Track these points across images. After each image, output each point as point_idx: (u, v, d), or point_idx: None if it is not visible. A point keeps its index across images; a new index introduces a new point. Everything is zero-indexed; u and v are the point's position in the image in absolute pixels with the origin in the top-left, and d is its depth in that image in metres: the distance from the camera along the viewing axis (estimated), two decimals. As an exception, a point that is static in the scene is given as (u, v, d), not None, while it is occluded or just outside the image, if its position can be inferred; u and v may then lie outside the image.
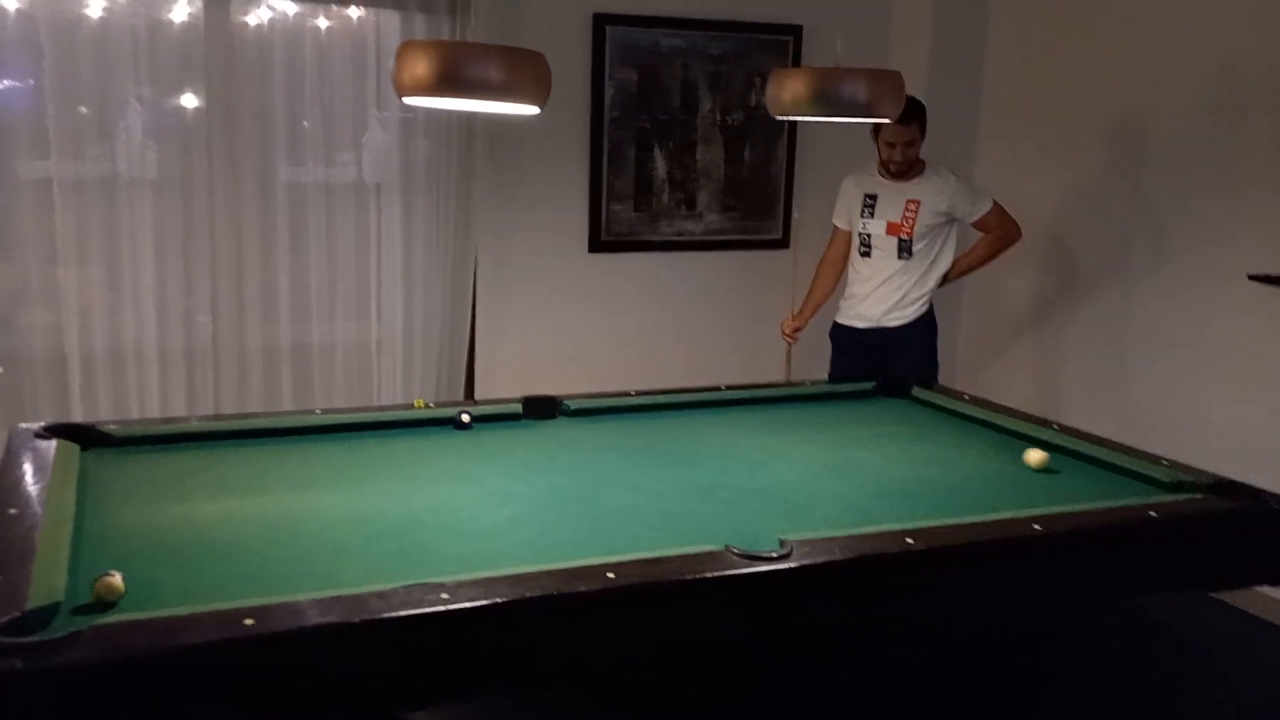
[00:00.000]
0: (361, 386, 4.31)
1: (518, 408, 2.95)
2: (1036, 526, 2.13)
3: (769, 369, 4.38)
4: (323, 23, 4.02)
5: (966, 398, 3.17)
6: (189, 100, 3.91)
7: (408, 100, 2.19)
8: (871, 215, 3.86)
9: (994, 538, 2.09)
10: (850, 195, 3.99)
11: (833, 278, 4.10)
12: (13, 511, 2.01)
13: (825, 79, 2.51)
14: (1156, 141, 3.96)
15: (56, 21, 3.65)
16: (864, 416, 3.12)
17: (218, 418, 2.96)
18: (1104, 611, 2.71)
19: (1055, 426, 2.87)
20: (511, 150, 4.35)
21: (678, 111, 4.57)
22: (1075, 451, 2.73)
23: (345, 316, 4.27)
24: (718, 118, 4.63)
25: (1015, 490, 2.47)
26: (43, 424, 2.54)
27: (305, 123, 4.06)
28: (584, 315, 4.60)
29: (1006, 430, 2.91)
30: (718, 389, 3.23)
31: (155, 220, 3.91)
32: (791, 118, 2.69)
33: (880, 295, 3.88)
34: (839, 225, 4.07)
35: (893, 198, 3.83)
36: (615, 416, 3.00)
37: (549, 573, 1.83)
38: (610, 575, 1.82)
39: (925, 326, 3.91)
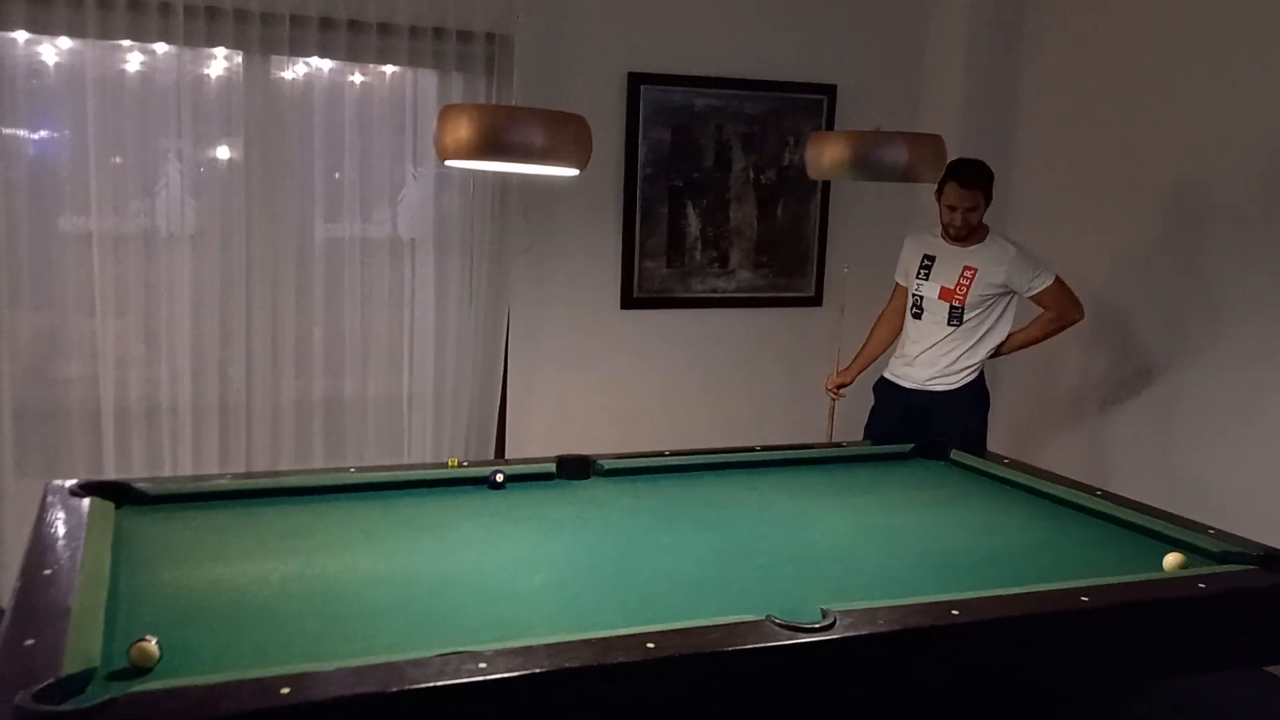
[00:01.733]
0: (393, 441, 4.31)
1: (551, 467, 2.93)
2: (1084, 599, 2.07)
3: (804, 426, 4.35)
4: (360, 79, 4.09)
5: (1006, 462, 3.12)
6: (227, 154, 3.98)
7: (450, 164, 2.20)
8: (927, 277, 3.77)
9: (1042, 611, 2.03)
10: (910, 253, 3.91)
11: (888, 335, 4.02)
12: (47, 572, 2.00)
13: (865, 143, 2.51)
14: (1209, 212, 3.87)
15: (98, 77, 3.73)
16: (902, 480, 3.08)
17: (252, 475, 2.95)
18: (1153, 684, 2.63)
19: (1099, 493, 2.82)
20: (545, 207, 4.38)
21: (711, 169, 4.59)
22: (1118, 519, 2.67)
23: (378, 371, 4.28)
24: (751, 176, 4.65)
25: (1058, 560, 2.41)
26: (77, 481, 2.54)
27: (339, 176, 4.12)
28: (616, 371, 4.60)
29: (1048, 495, 2.86)
30: (752, 449, 3.20)
31: (193, 274, 3.95)
32: (830, 179, 2.69)
33: (927, 359, 3.78)
34: (899, 281, 4.00)
35: (950, 262, 3.72)
36: (649, 477, 2.97)
37: (587, 642, 1.80)
38: (650, 645, 1.78)
39: (972, 396, 3.77)
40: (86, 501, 2.42)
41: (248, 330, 4.04)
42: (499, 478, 2.82)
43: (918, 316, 3.81)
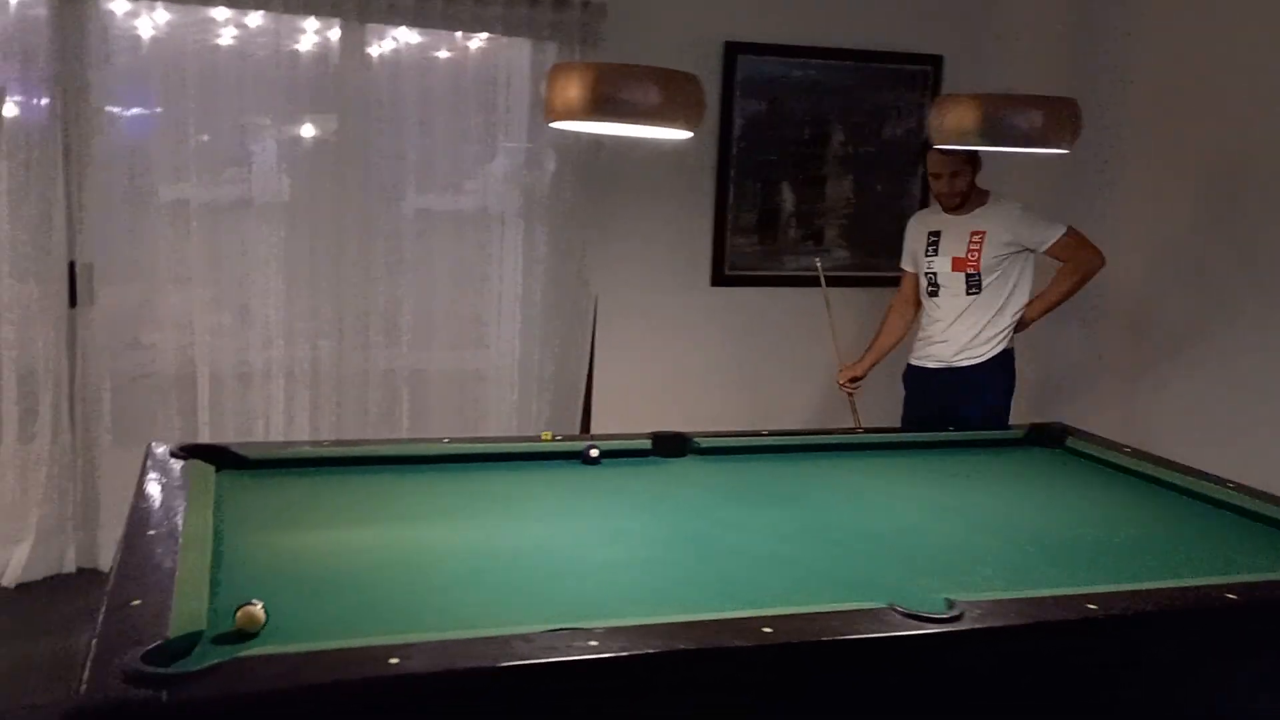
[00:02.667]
0: (477, 414, 4.29)
1: (646, 443, 2.85)
2: (1231, 595, 1.93)
3: (900, 408, 4.20)
4: (452, 51, 4.04)
5: (1128, 450, 2.95)
6: (321, 125, 3.96)
7: (557, 125, 2.12)
8: (936, 253, 3.62)
9: (1186, 606, 1.89)
10: (914, 235, 3.76)
11: (900, 326, 3.85)
12: (151, 533, 1.98)
13: (996, 106, 2.36)
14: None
15: (195, 49, 3.74)
16: (1016, 467, 2.93)
17: (345, 443, 2.91)
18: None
19: (1231, 485, 2.64)
20: (636, 180, 4.29)
21: (806, 144, 4.46)
22: (1253, 513, 2.50)
23: (465, 344, 4.26)
24: (849, 151, 4.50)
25: (1193, 554, 2.26)
26: (178, 444, 2.53)
27: (430, 149, 4.08)
28: (704, 349, 4.50)
29: (1175, 487, 2.69)
30: (854, 431, 3.08)
31: (286, 244, 3.95)
32: (956, 147, 2.55)
33: (952, 335, 3.61)
34: (906, 268, 3.83)
35: (956, 232, 3.58)
36: (746, 457, 2.87)
37: (701, 623, 1.71)
38: (767, 630, 1.69)
39: (999, 367, 3.61)
40: (186, 463, 2.41)
41: (338, 300, 4.03)
42: (594, 453, 2.75)
43: (934, 294, 3.66)
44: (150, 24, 3.71)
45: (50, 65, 3.58)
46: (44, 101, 3.62)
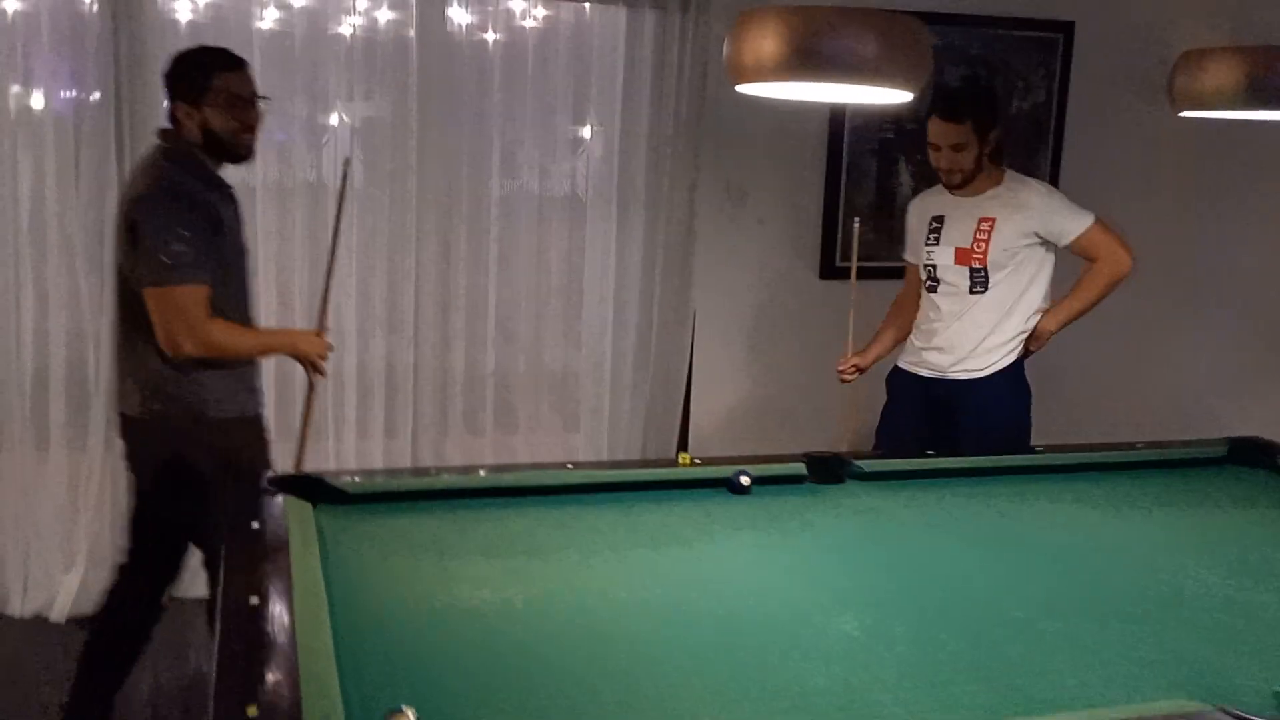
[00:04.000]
0: (567, 418, 3.90)
1: (799, 468, 2.44)
2: None
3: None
4: (535, 23, 3.62)
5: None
6: (398, 104, 3.55)
7: (746, 88, 1.71)
8: (937, 241, 3.06)
9: None
10: (916, 219, 3.19)
11: (906, 325, 3.26)
12: (254, 600, 1.59)
13: (1269, 61, 1.91)
14: None
15: (253, 26, 3.35)
16: (1231, 494, 2.49)
17: (460, 470, 2.47)
18: None
19: None
20: (738, 163, 3.87)
21: (927, 120, 4.00)
22: None
23: (552, 341, 3.86)
24: (974, 126, 4.05)
25: None
26: (268, 475, 2.14)
27: (518, 131, 3.67)
28: (812, 349, 4.07)
29: None
30: (1034, 450, 2.66)
31: (358, 233, 3.56)
32: (1206, 113, 2.10)
33: (949, 340, 3.06)
34: (909, 259, 3.26)
35: (962, 217, 3.02)
36: (917, 484, 2.46)
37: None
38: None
39: (1006, 384, 3.05)
40: (280, 500, 2.02)
41: (416, 294, 3.64)
42: (745, 481, 2.34)
43: (933, 290, 3.09)
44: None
45: (105, 47, 3.20)
46: (97, 85, 3.24)
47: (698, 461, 2.45)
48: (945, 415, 3.07)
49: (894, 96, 1.76)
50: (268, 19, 3.37)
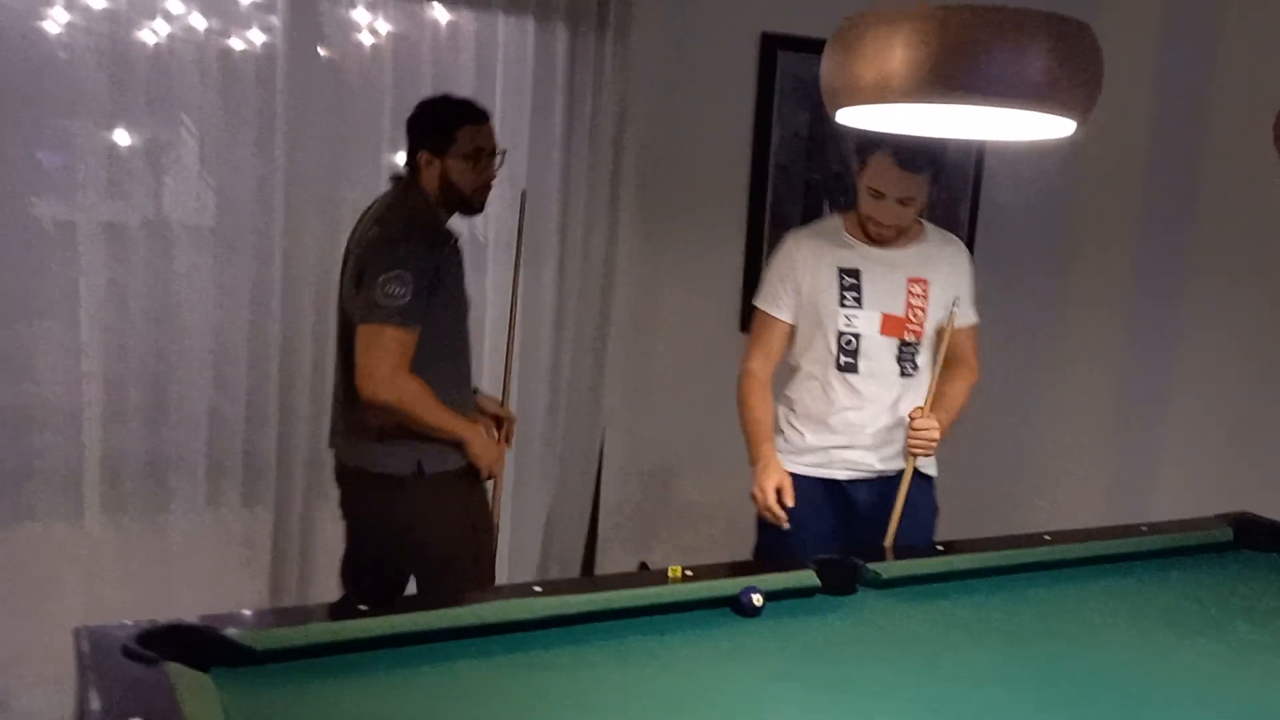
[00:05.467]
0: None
1: (810, 577, 2.02)
2: None
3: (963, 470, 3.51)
4: (423, 31, 3.09)
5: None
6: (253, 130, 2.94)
7: (847, 118, 1.28)
8: (859, 303, 2.48)
9: None
10: (808, 266, 2.52)
11: (771, 399, 2.60)
12: None
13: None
14: None
15: (101, 45, 2.69)
16: (1258, 588, 2.25)
17: (396, 611, 1.78)
18: None
19: None
20: (656, 205, 3.47)
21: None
22: None
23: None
24: (903, 171, 3.79)
25: None
26: (132, 629, 1.52)
27: (392, 159, 3.12)
28: (732, 404, 3.69)
29: None
30: (1043, 539, 2.34)
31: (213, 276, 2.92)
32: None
33: (884, 433, 2.51)
34: (775, 314, 2.56)
35: (886, 275, 2.49)
36: (937, 590, 2.09)
37: None
38: None
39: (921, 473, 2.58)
40: (163, 670, 1.42)
41: (281, 352, 3.01)
42: (757, 600, 1.90)
43: (850, 370, 2.50)
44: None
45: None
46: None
47: (689, 573, 1.98)
48: (861, 513, 2.54)
49: (1058, 128, 1.36)
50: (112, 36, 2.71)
